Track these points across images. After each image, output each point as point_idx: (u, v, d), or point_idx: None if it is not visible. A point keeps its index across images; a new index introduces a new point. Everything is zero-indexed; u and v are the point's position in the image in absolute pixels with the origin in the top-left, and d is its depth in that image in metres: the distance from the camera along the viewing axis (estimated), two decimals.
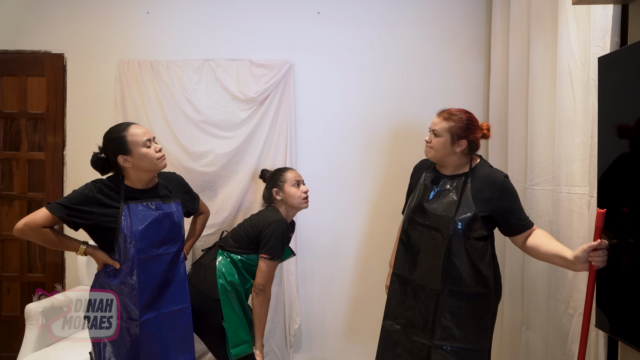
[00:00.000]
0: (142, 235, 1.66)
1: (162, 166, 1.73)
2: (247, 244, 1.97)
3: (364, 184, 2.60)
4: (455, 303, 1.60)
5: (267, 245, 1.93)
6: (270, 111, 2.50)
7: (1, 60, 2.62)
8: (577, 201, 1.67)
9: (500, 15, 2.35)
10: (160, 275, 1.72)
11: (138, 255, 1.65)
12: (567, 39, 1.72)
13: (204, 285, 1.90)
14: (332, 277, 2.61)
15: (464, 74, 2.57)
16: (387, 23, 2.58)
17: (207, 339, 1.92)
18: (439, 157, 1.68)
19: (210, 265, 1.94)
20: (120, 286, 1.66)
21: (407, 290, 1.72)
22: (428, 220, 1.66)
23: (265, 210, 2.09)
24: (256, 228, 1.98)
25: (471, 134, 1.64)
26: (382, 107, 2.57)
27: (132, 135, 1.66)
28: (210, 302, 1.86)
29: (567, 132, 1.72)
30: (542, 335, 1.94)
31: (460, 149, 1.64)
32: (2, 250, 2.67)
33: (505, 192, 1.60)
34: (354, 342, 2.63)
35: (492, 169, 1.68)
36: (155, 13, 2.58)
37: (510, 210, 1.60)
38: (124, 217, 1.65)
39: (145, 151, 1.67)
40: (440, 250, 1.61)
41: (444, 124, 1.64)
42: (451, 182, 1.67)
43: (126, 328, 1.66)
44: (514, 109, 2.19)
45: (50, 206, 1.59)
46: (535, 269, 1.98)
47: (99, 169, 1.72)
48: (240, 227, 2.05)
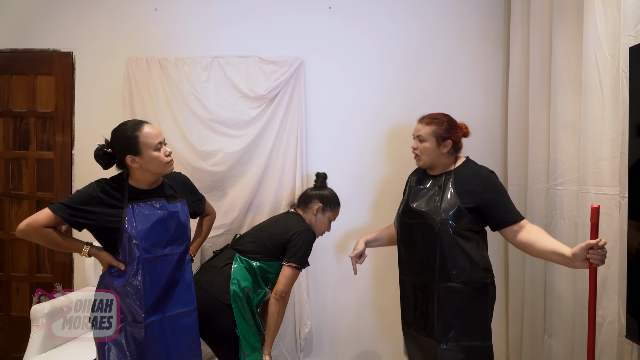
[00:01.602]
0: (147, 235, 1.62)
1: (169, 171, 1.69)
2: (270, 251, 1.90)
3: (377, 184, 2.51)
4: (453, 297, 1.61)
5: (297, 254, 1.88)
6: (281, 109, 2.44)
7: (10, 59, 2.61)
8: (606, 202, 1.57)
9: (520, 8, 2.24)
10: (166, 277, 1.67)
11: (143, 255, 1.60)
12: (594, 29, 1.62)
13: (213, 288, 1.83)
14: (344, 280, 2.53)
15: (481, 70, 2.48)
16: (400, 18, 2.49)
17: (214, 344, 1.86)
18: (429, 161, 1.73)
19: (223, 270, 1.87)
20: (125, 288, 1.62)
21: (413, 291, 1.74)
22: (417, 219, 1.70)
23: (290, 218, 2.02)
24: (283, 236, 1.91)
25: (454, 133, 1.71)
26: (395, 104, 2.49)
27: (145, 137, 1.61)
28: (219, 306, 1.80)
29: (595, 129, 1.62)
30: (567, 344, 1.83)
31: (447, 149, 1.70)
32: (12, 251, 2.66)
33: (490, 184, 1.62)
34: (366, 346, 2.55)
35: (478, 165, 1.72)
36: (164, 10, 2.54)
37: (497, 202, 1.60)
38: (127, 217, 1.60)
39: (155, 154, 1.62)
40: (432, 245, 1.64)
41: (427, 128, 1.71)
42: (435, 181, 1.73)
43: (131, 332, 1.61)
44: (535, 105, 2.08)
45: (53, 206, 1.55)
46: (559, 274, 1.88)
47: (102, 163, 1.65)
48: (262, 233, 1.96)
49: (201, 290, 1.82)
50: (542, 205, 2.04)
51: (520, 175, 2.25)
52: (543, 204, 2.03)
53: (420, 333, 1.70)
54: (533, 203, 2.10)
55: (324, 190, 2.10)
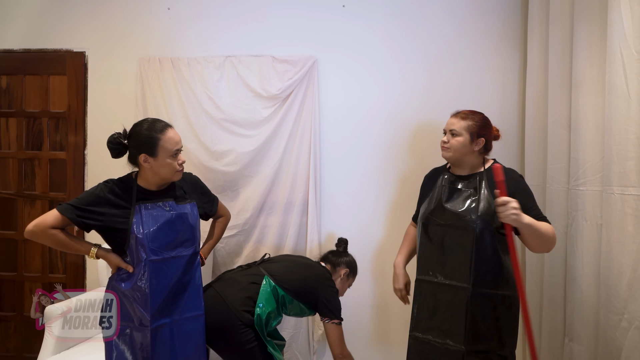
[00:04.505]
0: (155, 236, 1.58)
1: (176, 179, 1.67)
2: (299, 292, 1.86)
3: (391, 185, 2.48)
4: (487, 304, 1.56)
5: (336, 311, 1.87)
6: (294, 108, 2.41)
7: (24, 59, 2.61)
8: (632, 203, 1.52)
9: (538, 5, 2.20)
10: (174, 280, 1.64)
11: (150, 257, 1.57)
12: (620, 25, 1.57)
13: (234, 302, 1.76)
14: (357, 282, 2.49)
15: (498, 69, 2.44)
16: (414, 16, 2.46)
17: (225, 355, 1.82)
18: (457, 156, 1.68)
19: (249, 288, 1.80)
20: (131, 291, 1.58)
21: (435, 295, 1.66)
22: (449, 220, 1.64)
23: (328, 275, 1.97)
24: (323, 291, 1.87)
25: (488, 132, 1.68)
26: (410, 104, 2.45)
27: (166, 142, 1.58)
28: (234, 321, 1.73)
29: (620, 128, 1.58)
30: (589, 348, 1.78)
31: (479, 147, 1.66)
32: (25, 251, 2.66)
33: (520, 189, 1.59)
34: (379, 349, 2.51)
35: (507, 168, 1.65)
36: (176, 9, 2.53)
37: (525, 206, 1.52)
38: (135, 217, 1.57)
39: (169, 161, 1.60)
40: (466, 248, 1.58)
41: (463, 122, 1.67)
42: (468, 182, 1.68)
43: (137, 335, 1.58)
44: (555, 103, 2.04)
45: (60, 207, 1.53)
46: (580, 275, 1.83)
47: (113, 152, 1.62)
48: (301, 273, 1.90)
49: (221, 300, 1.76)
50: (562, 206, 1.99)
51: (539, 175, 2.21)
52: (563, 204, 1.98)
53: (443, 339, 1.61)
54: (552, 204, 2.05)
55: (348, 257, 2.10)
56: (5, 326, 2.67)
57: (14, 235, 2.65)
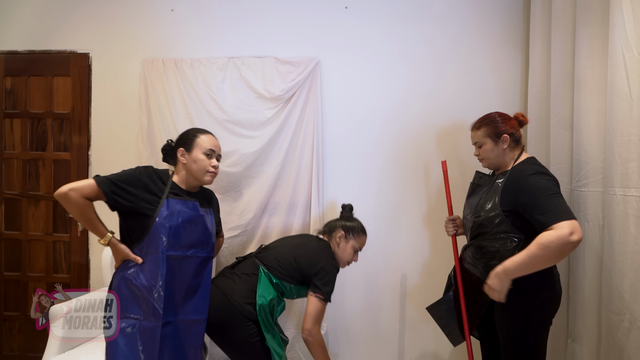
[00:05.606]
0: (176, 231, 1.62)
1: (206, 181, 1.76)
2: (294, 275, 1.85)
3: (394, 186, 2.49)
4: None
5: (327, 287, 1.82)
6: (297, 109, 2.42)
7: (28, 60, 2.62)
8: (634, 204, 1.53)
9: (540, 6, 2.21)
10: (186, 279, 1.66)
11: (169, 251, 1.60)
12: (621, 27, 1.58)
13: (234, 295, 1.78)
14: (360, 282, 2.51)
15: (500, 70, 2.44)
16: (417, 17, 2.47)
17: (228, 350, 1.82)
18: (493, 162, 1.73)
19: (247, 280, 1.82)
20: (145, 285, 1.59)
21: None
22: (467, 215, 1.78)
23: (321, 247, 1.95)
24: (314, 266, 1.85)
25: (507, 126, 1.69)
26: (413, 105, 2.46)
27: (202, 140, 1.75)
28: (236, 315, 1.75)
29: (622, 129, 1.59)
30: (591, 349, 1.79)
31: (506, 144, 1.67)
32: (29, 251, 2.67)
33: (525, 188, 1.49)
34: (382, 349, 2.52)
35: (530, 165, 1.58)
36: (180, 11, 2.54)
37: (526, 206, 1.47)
38: (163, 208, 1.62)
39: (201, 157, 1.72)
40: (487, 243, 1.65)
41: (479, 132, 1.72)
42: (490, 179, 1.73)
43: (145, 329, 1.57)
44: (557, 105, 2.04)
45: (98, 178, 1.58)
46: (582, 276, 1.84)
47: (163, 153, 1.81)
48: (291, 256, 1.88)
49: (222, 295, 1.78)
50: None
51: None
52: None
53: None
54: None
55: (342, 220, 2.05)
56: (10, 326, 2.69)
57: (18, 235, 2.67)
